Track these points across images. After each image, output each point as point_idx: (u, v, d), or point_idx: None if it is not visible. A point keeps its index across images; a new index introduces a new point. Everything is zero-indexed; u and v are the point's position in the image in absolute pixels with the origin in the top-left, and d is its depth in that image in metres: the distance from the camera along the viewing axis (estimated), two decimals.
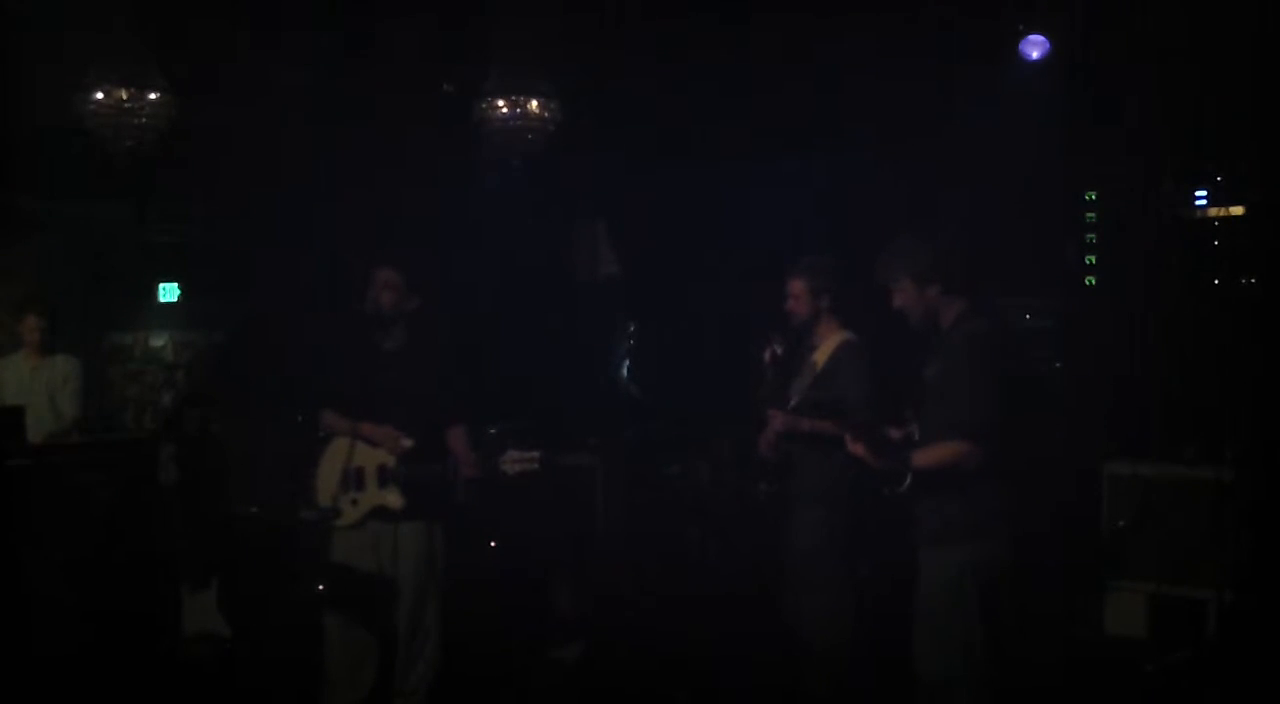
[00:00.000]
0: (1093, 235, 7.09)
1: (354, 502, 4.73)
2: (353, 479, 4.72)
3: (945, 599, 3.85)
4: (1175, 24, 6.14)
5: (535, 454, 4.50)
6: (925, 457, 3.90)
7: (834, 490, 4.67)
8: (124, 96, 5.64)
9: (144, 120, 5.71)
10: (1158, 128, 6.51)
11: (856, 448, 3.98)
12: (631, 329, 8.49)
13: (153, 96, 5.70)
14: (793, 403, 4.77)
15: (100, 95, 5.64)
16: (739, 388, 5.27)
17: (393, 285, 4.72)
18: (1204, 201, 6.79)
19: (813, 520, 4.77)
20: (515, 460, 4.51)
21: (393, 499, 4.66)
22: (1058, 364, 6.94)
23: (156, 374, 8.20)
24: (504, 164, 6.48)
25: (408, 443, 4.65)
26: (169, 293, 8.27)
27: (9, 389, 6.51)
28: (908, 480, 3.92)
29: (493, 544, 6.69)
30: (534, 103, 6.11)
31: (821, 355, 4.82)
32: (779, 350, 4.83)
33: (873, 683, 4.73)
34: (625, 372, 8.50)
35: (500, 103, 6.11)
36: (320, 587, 5.30)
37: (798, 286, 4.85)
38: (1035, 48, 6.52)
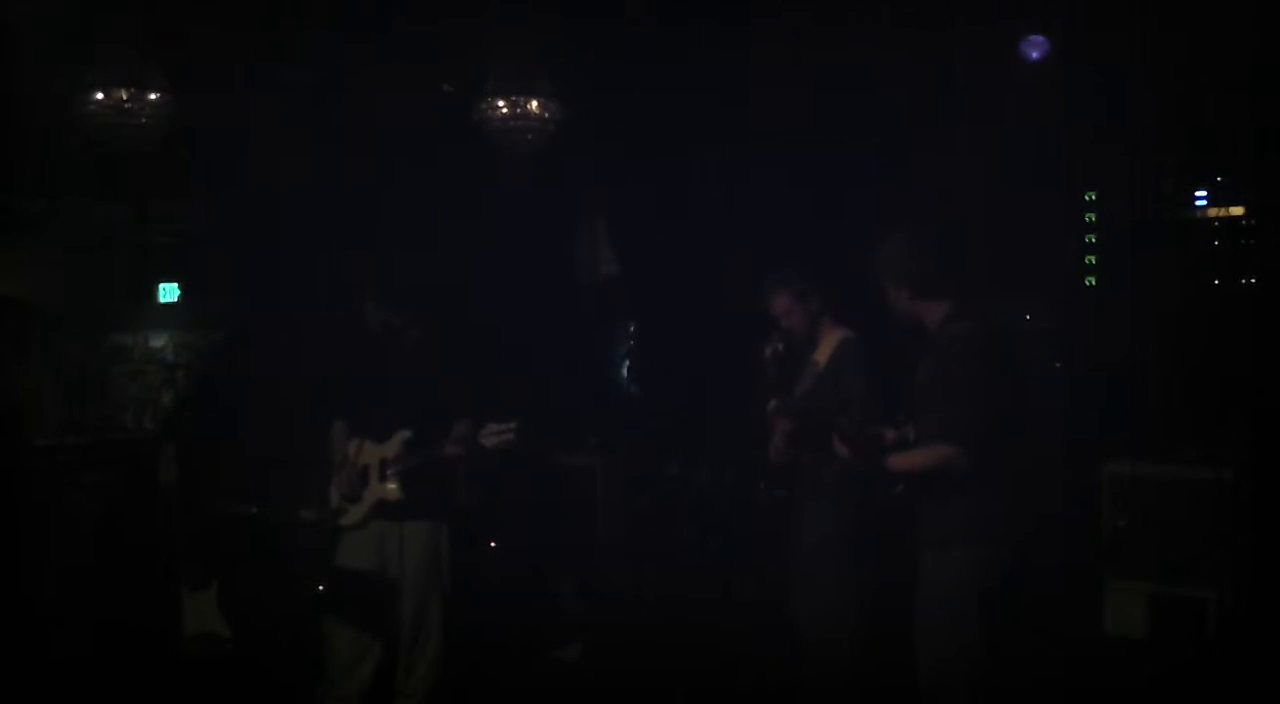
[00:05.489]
0: (1093, 235, 7.09)
1: (358, 501, 4.74)
2: (358, 478, 4.74)
3: (944, 602, 3.85)
4: (1175, 24, 6.13)
5: (512, 425, 4.50)
6: (909, 461, 3.90)
7: (839, 489, 4.66)
8: (124, 96, 5.63)
9: (144, 120, 5.70)
10: (1158, 128, 6.51)
11: (842, 449, 3.98)
12: (631, 329, 8.49)
13: (153, 96, 5.69)
14: (800, 404, 4.76)
15: (100, 95, 5.64)
16: (739, 387, 5.27)
17: (382, 318, 4.78)
18: (1204, 202, 6.80)
19: (818, 518, 4.77)
20: (493, 433, 4.52)
21: (392, 491, 4.66)
22: (1058, 364, 6.94)
23: (156, 374, 8.19)
24: (504, 164, 6.48)
25: (407, 433, 4.67)
26: (169, 293, 8.26)
27: None
28: (901, 484, 3.93)
29: (493, 544, 6.70)
30: (534, 103, 6.11)
31: (822, 354, 4.81)
32: (780, 347, 4.82)
33: (875, 682, 4.73)
34: (625, 371, 8.50)
35: (500, 103, 6.11)
36: (321, 586, 5.31)
37: (783, 302, 4.83)
38: (1035, 48, 6.52)
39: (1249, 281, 6.64)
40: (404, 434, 4.68)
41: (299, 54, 6.33)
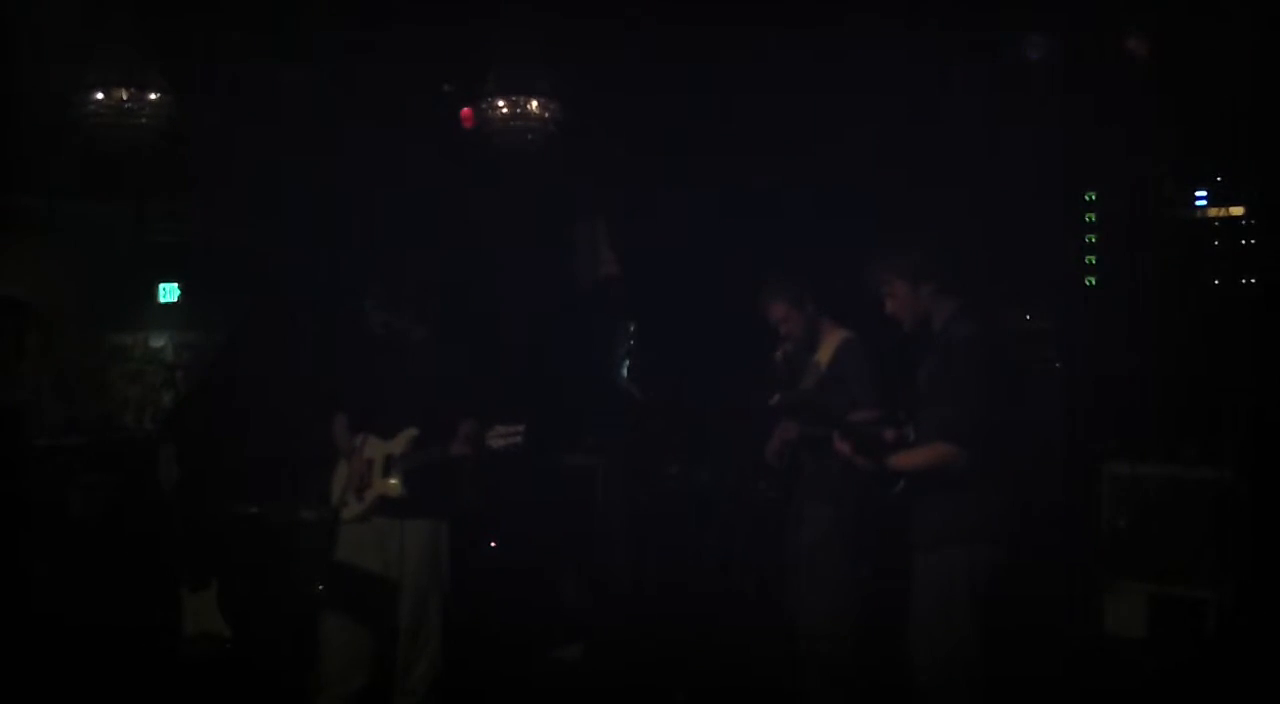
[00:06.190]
0: (1093, 235, 7.09)
1: (360, 495, 4.75)
2: (361, 473, 4.75)
3: (940, 601, 3.85)
4: (1176, 23, 6.14)
5: (519, 428, 4.53)
6: (909, 459, 3.90)
7: (839, 488, 4.66)
8: (124, 96, 5.64)
9: (144, 120, 5.71)
10: (1158, 128, 6.51)
11: (842, 447, 3.99)
12: (631, 329, 8.49)
13: (153, 96, 5.70)
14: (799, 402, 4.75)
15: (100, 95, 5.64)
16: (739, 386, 5.27)
17: (383, 319, 4.79)
18: (1204, 202, 6.80)
19: (817, 518, 4.77)
20: (500, 435, 4.54)
21: (394, 487, 4.67)
22: (1058, 364, 6.94)
23: (156, 374, 8.21)
24: (504, 164, 6.48)
25: (414, 431, 4.68)
26: (169, 293, 8.28)
27: None
28: (901, 483, 3.93)
29: (493, 544, 6.70)
30: (534, 103, 6.11)
31: (824, 355, 4.82)
32: (790, 348, 4.84)
33: (874, 681, 4.73)
34: (625, 371, 8.50)
35: (500, 103, 6.12)
36: (320, 585, 5.31)
37: (779, 309, 4.84)
38: (1035, 48, 6.51)
39: (1249, 281, 6.64)
40: (411, 431, 4.69)
41: (299, 54, 6.33)
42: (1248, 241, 6.68)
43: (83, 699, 5.04)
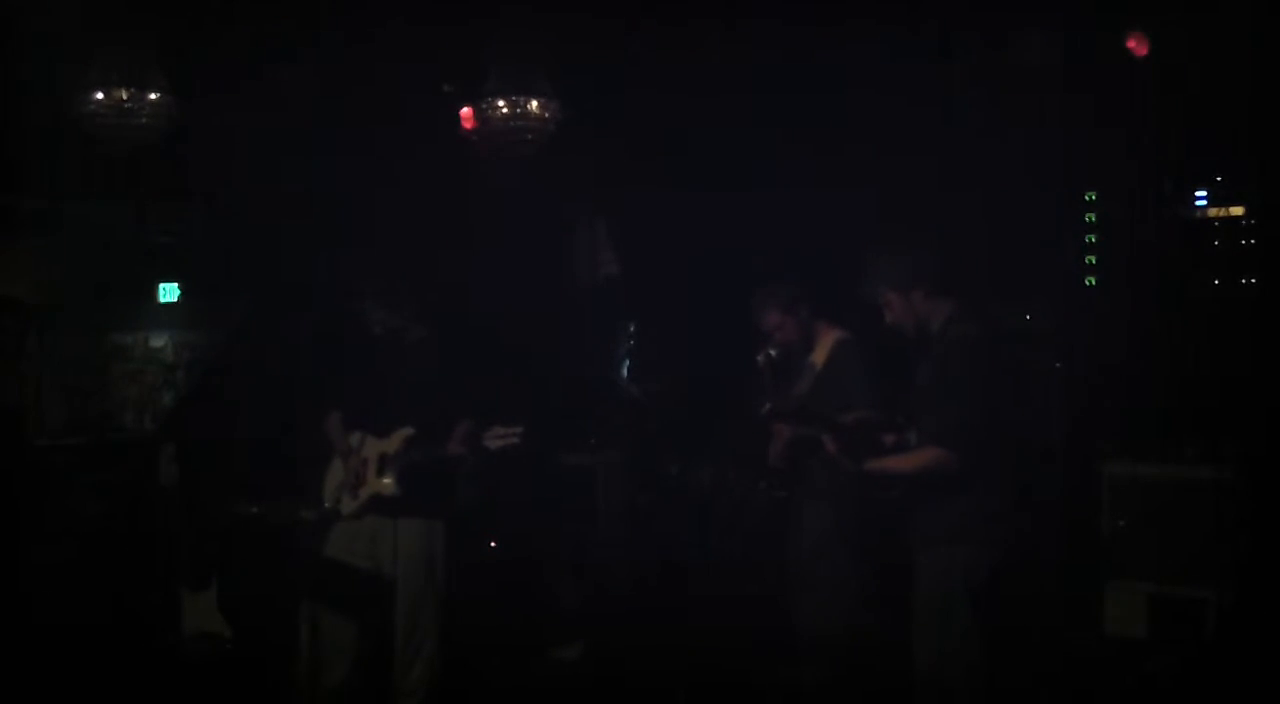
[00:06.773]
0: (1093, 235, 7.09)
1: (355, 493, 4.75)
2: (358, 471, 4.75)
3: (940, 602, 3.86)
4: (1176, 23, 6.14)
5: (518, 429, 4.53)
6: (901, 463, 3.90)
7: (838, 489, 4.66)
8: (124, 96, 5.64)
9: (144, 120, 5.71)
10: (1158, 128, 6.51)
11: (835, 450, 3.99)
12: (631, 329, 8.49)
13: (153, 96, 5.70)
14: (793, 406, 4.76)
15: (100, 95, 5.64)
16: (739, 386, 5.27)
17: (381, 319, 4.78)
18: (1204, 202, 6.80)
19: (817, 518, 4.77)
20: (498, 436, 4.54)
21: (387, 486, 4.67)
22: (1058, 364, 6.94)
23: (156, 374, 8.20)
24: (504, 164, 6.48)
25: (409, 430, 4.68)
26: (169, 293, 8.27)
27: None
28: (897, 485, 3.94)
29: (493, 544, 6.70)
30: (534, 103, 6.11)
31: (819, 356, 4.82)
32: (773, 353, 4.83)
33: (873, 682, 4.72)
34: (625, 371, 8.50)
35: (500, 103, 6.12)
36: (312, 578, 5.30)
37: (774, 318, 4.85)
38: (1035, 48, 6.50)
39: (1249, 281, 6.64)
40: (406, 430, 4.68)
41: (299, 54, 6.33)
42: (1248, 241, 6.68)
43: (83, 699, 5.04)
